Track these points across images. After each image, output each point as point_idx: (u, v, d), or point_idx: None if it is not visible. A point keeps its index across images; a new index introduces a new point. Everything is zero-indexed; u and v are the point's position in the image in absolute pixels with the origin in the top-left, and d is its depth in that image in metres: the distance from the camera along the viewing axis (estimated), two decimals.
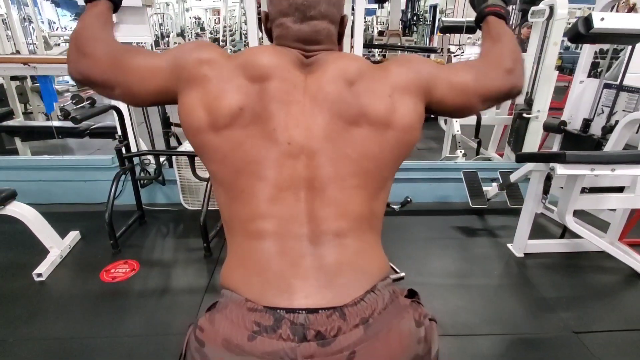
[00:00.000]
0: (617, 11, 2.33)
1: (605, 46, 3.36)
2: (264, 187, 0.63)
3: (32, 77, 4.73)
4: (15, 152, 3.37)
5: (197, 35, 14.74)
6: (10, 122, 3.33)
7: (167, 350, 1.58)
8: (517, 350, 1.64)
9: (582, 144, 2.36)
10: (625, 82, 2.19)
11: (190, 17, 14.83)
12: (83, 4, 0.80)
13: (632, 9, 2.22)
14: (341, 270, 0.61)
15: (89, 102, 6.79)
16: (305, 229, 0.62)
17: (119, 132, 2.36)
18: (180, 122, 0.70)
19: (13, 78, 4.56)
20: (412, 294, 0.70)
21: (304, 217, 0.63)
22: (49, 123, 3.24)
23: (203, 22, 15.89)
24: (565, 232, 2.35)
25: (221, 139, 0.66)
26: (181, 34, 11.82)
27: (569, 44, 8.19)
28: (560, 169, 1.67)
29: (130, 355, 1.57)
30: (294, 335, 0.56)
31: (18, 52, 5.73)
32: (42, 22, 9.98)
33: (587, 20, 1.52)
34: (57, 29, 11.59)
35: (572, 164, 1.66)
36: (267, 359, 0.55)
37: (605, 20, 1.50)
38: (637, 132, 2.03)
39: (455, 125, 3.31)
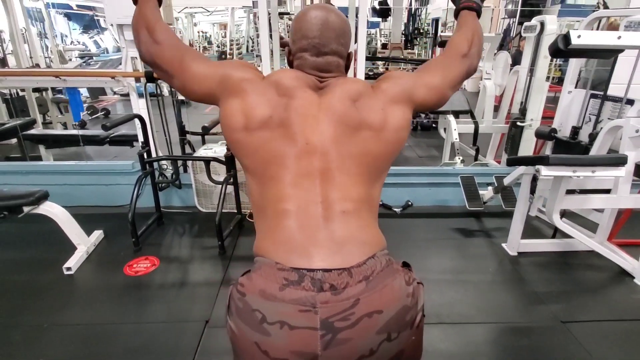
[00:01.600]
0: (599, 29, 2.52)
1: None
2: (287, 175, 0.82)
3: (53, 89, 5.00)
4: (38, 159, 3.59)
5: (205, 48, 15.16)
6: (35, 131, 3.56)
7: (187, 335, 1.74)
8: (508, 337, 1.78)
9: (571, 149, 2.51)
10: (609, 93, 2.37)
11: (198, 32, 15.25)
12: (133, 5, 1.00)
13: (613, 27, 2.40)
14: (347, 242, 0.79)
15: (103, 112, 7.06)
16: (319, 209, 0.80)
17: (142, 139, 2.55)
18: (220, 122, 0.89)
19: (34, 90, 4.82)
20: (405, 265, 0.86)
21: (318, 200, 0.81)
22: (74, 131, 3.47)
23: (210, 36, 16.33)
24: (556, 233, 2.50)
25: (253, 137, 0.85)
26: None
27: None
28: (545, 171, 1.83)
29: (153, 338, 1.73)
30: (313, 287, 0.73)
31: (37, 65, 6.02)
32: (56, 36, 10.35)
33: (566, 37, 1.70)
34: (70, 43, 11.96)
35: (555, 166, 1.83)
36: (294, 303, 0.72)
37: (582, 37, 1.68)
38: (620, 138, 2.18)
39: (454, 134, 3.48)
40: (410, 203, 3.02)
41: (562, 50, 1.72)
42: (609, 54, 1.92)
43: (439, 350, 1.68)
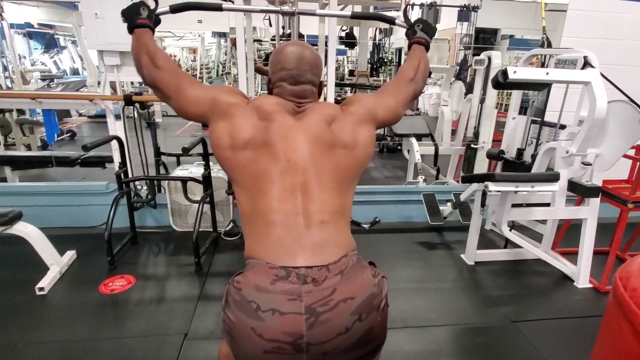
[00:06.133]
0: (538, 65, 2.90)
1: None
2: (274, 189, 0.96)
3: (18, 110, 4.90)
4: (3, 180, 3.51)
5: None
6: (2, 152, 3.49)
7: (167, 347, 1.80)
8: (466, 336, 1.97)
9: (517, 168, 2.82)
10: (546, 119, 2.71)
11: None
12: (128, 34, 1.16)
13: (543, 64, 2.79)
14: (325, 244, 0.94)
15: (68, 134, 6.91)
16: (301, 220, 0.95)
17: (119, 159, 2.60)
18: (210, 140, 1.04)
19: None
20: (371, 263, 1.04)
21: (300, 212, 0.96)
22: (46, 152, 3.43)
23: (179, 59, 16.36)
24: (507, 243, 2.76)
25: (240, 156, 1.00)
26: None
27: None
28: (492, 186, 2.09)
29: (133, 352, 1.77)
30: (298, 280, 0.88)
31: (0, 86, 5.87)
32: (24, 57, 10.09)
33: (504, 72, 1.99)
34: (33, 64, 11.62)
35: (501, 182, 2.09)
36: (283, 294, 0.86)
37: (517, 73, 1.97)
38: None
39: (416, 155, 3.76)
40: (377, 219, 3.22)
41: (502, 83, 2.00)
42: (541, 87, 2.25)
43: (406, 350, 1.83)
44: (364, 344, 0.90)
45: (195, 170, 2.90)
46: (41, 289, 2.15)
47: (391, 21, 1.51)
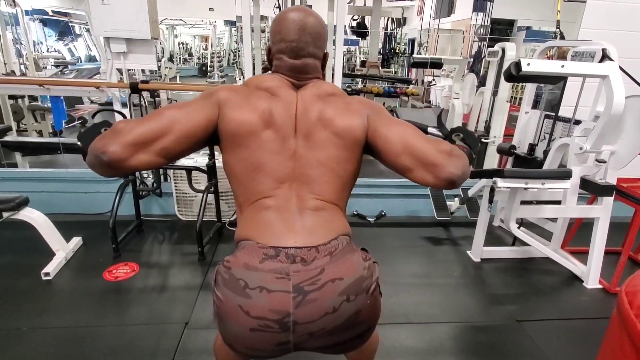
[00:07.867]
0: (551, 58, 2.80)
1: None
2: (269, 177, 0.97)
3: (30, 96, 4.95)
4: (14, 166, 3.55)
5: (185, 60, 15.18)
6: (11, 138, 3.53)
7: (167, 336, 1.80)
8: (469, 334, 1.93)
9: (528, 164, 2.74)
10: (561, 114, 2.62)
11: (179, 43, 15.29)
12: None
13: (564, 55, 2.68)
14: (317, 228, 0.95)
15: (80, 121, 7.01)
16: (295, 205, 0.97)
17: None
18: (226, 130, 0.96)
19: (10, 97, 4.76)
20: (363, 249, 1.01)
21: (294, 198, 0.97)
22: (54, 139, 3.46)
23: (191, 47, 16.38)
24: (515, 241, 2.70)
25: (264, 135, 0.95)
26: (171, 59, 12.22)
27: None
28: (501, 182, 2.03)
29: (134, 340, 1.78)
30: (287, 259, 0.88)
31: (13, 72, 5.93)
32: (40, 43, 10.18)
33: (517, 65, 1.91)
34: (47, 50, 11.72)
35: (510, 178, 2.03)
36: (272, 272, 0.87)
37: (531, 65, 1.90)
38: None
39: None
40: (383, 213, 3.19)
41: (515, 75, 1.93)
42: (555, 80, 2.17)
43: (406, 346, 1.81)
44: (352, 327, 0.90)
45: (200, 159, 2.89)
46: (47, 274, 2.18)
47: (423, 129, 1.35)
